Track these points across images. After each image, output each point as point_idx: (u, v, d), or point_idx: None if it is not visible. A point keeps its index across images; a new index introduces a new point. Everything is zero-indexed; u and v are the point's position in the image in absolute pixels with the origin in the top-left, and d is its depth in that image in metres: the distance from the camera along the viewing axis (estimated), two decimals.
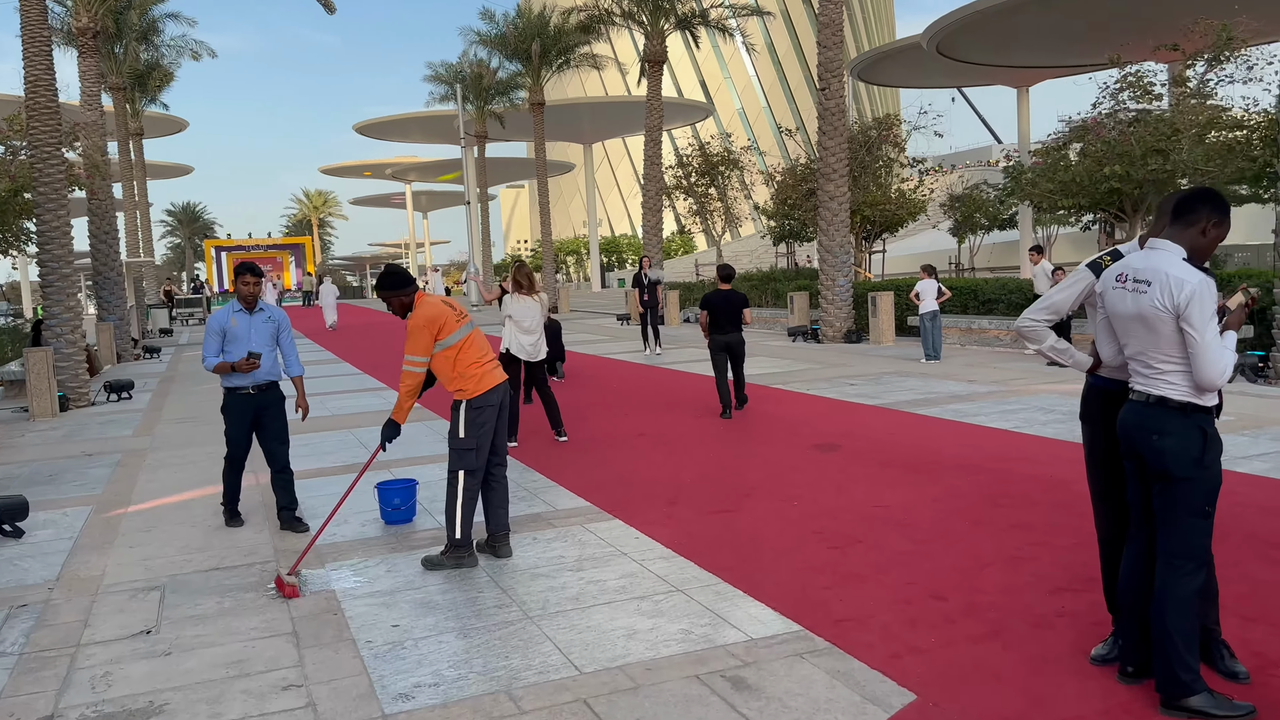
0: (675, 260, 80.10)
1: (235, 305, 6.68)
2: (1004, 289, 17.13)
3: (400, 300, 5.54)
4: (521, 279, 9.67)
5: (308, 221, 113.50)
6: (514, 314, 9.39)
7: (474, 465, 5.44)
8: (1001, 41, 25.09)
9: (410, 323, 5.42)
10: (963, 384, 12.26)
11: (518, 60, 36.33)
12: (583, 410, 11.34)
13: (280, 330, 6.83)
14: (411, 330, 5.41)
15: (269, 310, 6.81)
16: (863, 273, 24.09)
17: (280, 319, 6.86)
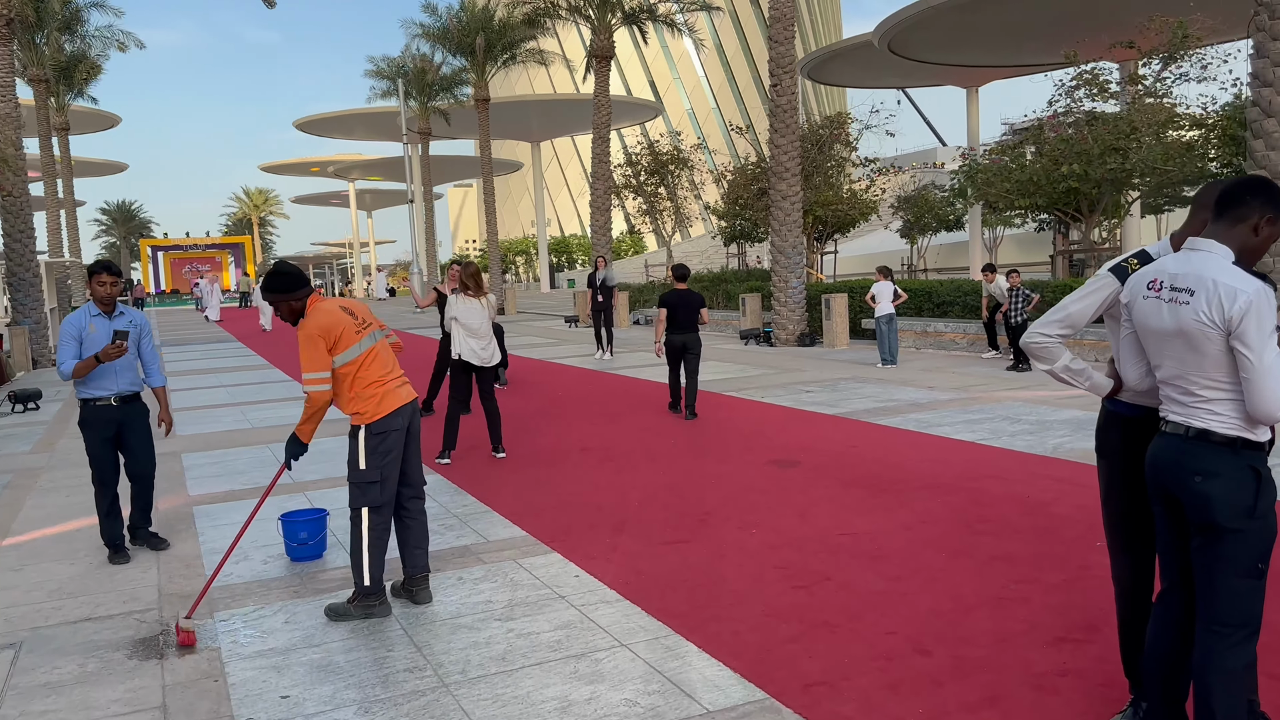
0: (626, 260, 79.49)
1: (93, 309, 5.88)
2: (959, 291, 16.73)
3: (290, 305, 4.75)
4: (467, 280, 8.93)
5: (248, 220, 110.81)
6: (460, 317, 8.66)
7: (379, 500, 4.70)
8: (954, 39, 24.81)
9: (300, 333, 4.65)
10: (922, 390, 11.76)
11: (462, 55, 35.34)
12: (525, 421, 10.61)
13: (142, 336, 6.06)
14: (302, 342, 4.63)
15: (130, 314, 6.04)
16: (815, 274, 23.64)
17: (142, 324, 6.10)
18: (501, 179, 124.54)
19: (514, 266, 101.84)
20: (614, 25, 25.70)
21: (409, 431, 4.80)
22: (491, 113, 53.68)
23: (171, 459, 9.34)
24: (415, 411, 4.88)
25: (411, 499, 4.90)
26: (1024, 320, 13.39)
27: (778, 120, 18.22)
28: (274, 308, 4.83)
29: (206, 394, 14.61)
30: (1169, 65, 15.45)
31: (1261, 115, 10.06)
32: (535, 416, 10.99)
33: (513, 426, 10.21)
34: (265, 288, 4.76)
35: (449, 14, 33.95)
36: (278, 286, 4.74)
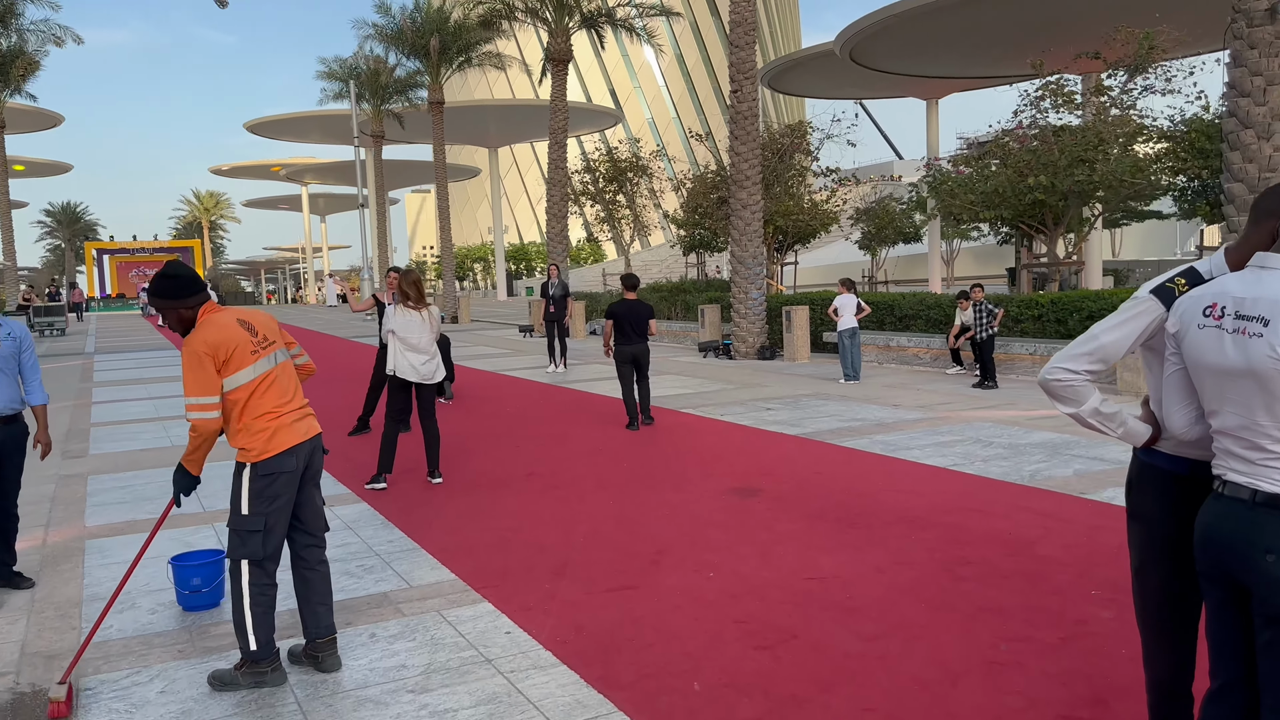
0: (585, 269, 78.84)
1: None
2: (922, 304, 16.31)
3: (179, 313, 4.01)
4: (408, 288, 8.22)
5: (198, 224, 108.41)
6: (398, 330, 7.95)
7: (261, 553, 3.98)
8: (916, 49, 24.52)
9: (185, 349, 3.94)
10: (887, 409, 11.24)
11: (416, 57, 34.46)
12: (468, 441, 9.91)
13: (22, 349, 5.34)
14: (186, 360, 3.92)
15: (8, 325, 5.30)
16: (775, 285, 23.17)
17: (22, 336, 5.37)
18: (459, 185, 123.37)
19: (472, 274, 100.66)
20: (571, 29, 25.09)
21: (307, 473, 4.10)
22: (448, 117, 52.78)
23: (75, 482, 8.52)
24: (316, 449, 4.17)
25: (309, 548, 4.19)
26: (989, 336, 12.96)
27: (738, 127, 17.70)
28: (161, 315, 4.11)
29: (130, 407, 13.70)
30: (1135, 76, 15.17)
31: (1239, 126, 9.69)
32: (480, 436, 10.28)
33: (454, 447, 9.50)
34: (152, 291, 4.04)
35: (403, 14, 33.08)
36: (165, 291, 4.01)
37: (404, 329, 7.95)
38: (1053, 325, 14.06)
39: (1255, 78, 9.48)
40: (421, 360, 7.98)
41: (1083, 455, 8.25)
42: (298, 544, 4.15)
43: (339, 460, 9.02)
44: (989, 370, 12.76)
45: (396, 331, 7.97)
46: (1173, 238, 60.93)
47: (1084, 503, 6.69)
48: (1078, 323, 13.74)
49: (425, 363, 8.00)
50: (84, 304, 43.37)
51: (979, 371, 13.68)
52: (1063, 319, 13.99)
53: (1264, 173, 9.57)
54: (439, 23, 32.81)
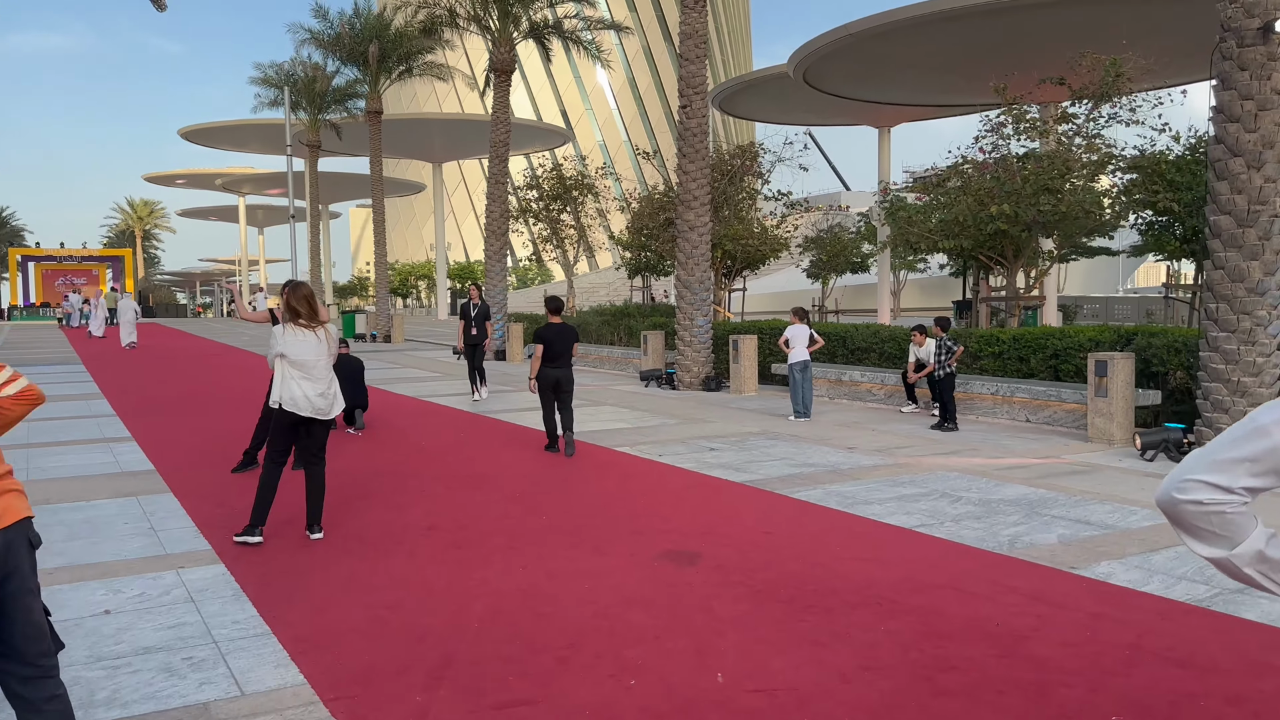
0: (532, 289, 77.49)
1: None
2: (875, 337, 15.43)
3: None
4: (297, 304, 6.94)
5: (131, 233, 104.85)
6: (288, 352, 6.68)
7: None
8: (871, 72, 23.87)
9: None
10: (842, 452, 10.23)
11: (355, 65, 33.09)
12: (369, 483, 8.65)
13: None
14: None
15: None
16: (723, 312, 22.22)
17: None
18: (405, 200, 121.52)
19: (416, 291, 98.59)
20: (516, 39, 24.03)
21: (9, 575, 2.86)
22: (390, 129, 51.30)
23: None
24: (13, 544, 2.90)
25: (29, 681, 2.94)
26: (949, 373, 12.07)
27: (687, 145, 16.73)
28: None
29: None
30: (1100, 105, 14.53)
31: (1227, 154, 8.91)
32: (384, 476, 9.03)
33: (352, 490, 8.25)
34: None
35: (341, 19, 31.69)
36: None
37: (296, 351, 6.71)
38: (1014, 363, 13.23)
39: (1245, 101, 8.71)
40: (316, 390, 6.74)
41: (1064, 517, 7.29)
42: (9, 679, 2.91)
43: (207, 504, 7.73)
44: (949, 411, 11.86)
45: (287, 355, 6.73)
46: (1115, 274, 61.63)
47: (1077, 580, 5.69)
48: (1040, 361, 12.93)
49: (321, 394, 6.76)
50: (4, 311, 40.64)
51: (937, 411, 12.79)
52: (1025, 357, 13.17)
53: (1254, 205, 8.79)
54: (379, 29, 31.49)
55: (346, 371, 12.12)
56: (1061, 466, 9.39)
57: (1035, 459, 9.80)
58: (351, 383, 12.10)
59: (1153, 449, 9.69)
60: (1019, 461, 9.65)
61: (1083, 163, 13.99)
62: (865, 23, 19.35)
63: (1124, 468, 9.32)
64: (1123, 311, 37.93)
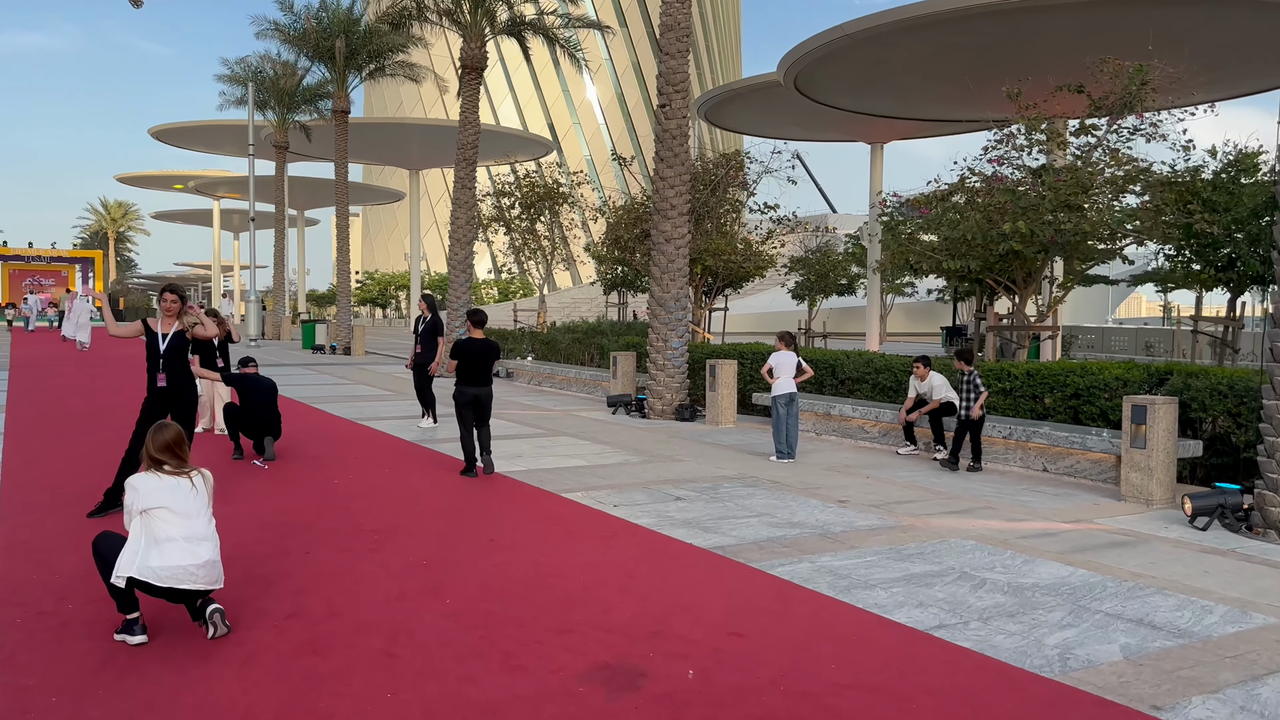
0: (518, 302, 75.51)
1: None
2: (869, 366, 13.81)
3: None
4: (159, 454, 4.97)
5: (104, 234, 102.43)
6: (158, 504, 4.93)
7: None
8: (866, 81, 22.31)
9: None
10: (832, 507, 8.57)
11: (322, 62, 31.35)
12: (238, 540, 6.92)
13: None
14: None
15: None
16: (701, 333, 20.58)
17: None
18: (387, 209, 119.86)
19: (395, 301, 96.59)
20: (489, 35, 22.44)
21: None
22: (368, 135, 49.61)
23: None
24: None
25: None
26: (970, 416, 10.54)
27: (665, 148, 15.12)
28: None
29: None
30: (1122, 116, 13.02)
31: None
32: (265, 529, 7.30)
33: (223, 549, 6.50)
34: None
35: (306, 13, 29.92)
36: None
37: (165, 501, 4.93)
38: (1026, 402, 11.63)
39: None
40: (196, 558, 4.91)
41: (1121, 615, 5.64)
42: None
43: (24, 564, 5.98)
44: (976, 451, 10.51)
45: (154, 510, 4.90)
46: (1105, 304, 60.50)
47: None
48: (1058, 401, 11.34)
49: (205, 562, 4.96)
50: None
51: (940, 454, 11.19)
52: (1039, 395, 11.57)
53: None
54: (347, 24, 29.79)
55: (257, 394, 10.43)
56: (1099, 535, 7.76)
57: (1065, 523, 8.16)
58: (263, 407, 10.41)
59: (1205, 515, 8.07)
60: (1046, 526, 8.01)
61: (1106, 178, 12.46)
62: (863, 23, 17.83)
63: (1174, 539, 7.69)
64: (1119, 343, 36.55)
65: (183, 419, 7.78)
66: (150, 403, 7.72)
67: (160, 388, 7.67)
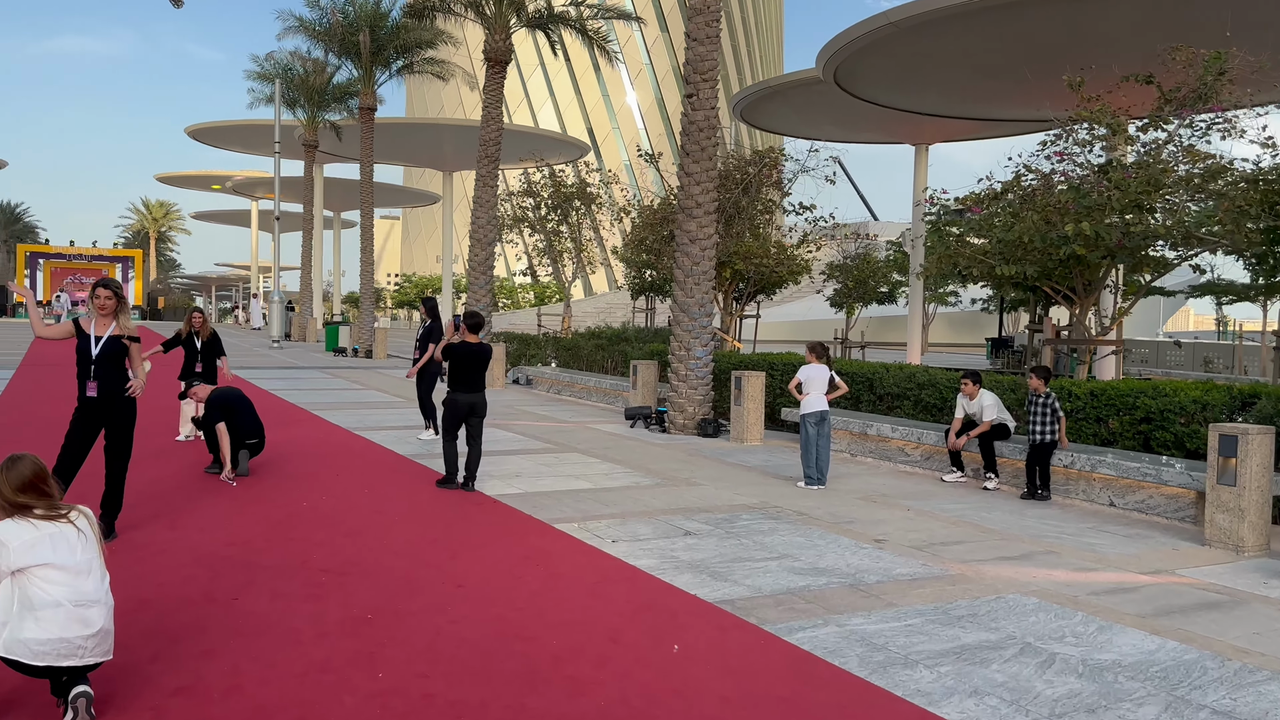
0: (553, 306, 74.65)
1: None
2: (911, 381, 12.55)
3: None
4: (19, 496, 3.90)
5: (146, 234, 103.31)
6: (35, 560, 3.95)
7: None
8: (911, 75, 20.92)
9: None
10: (866, 547, 7.38)
11: (349, 58, 30.61)
12: (165, 580, 5.91)
13: None
14: None
15: None
16: (731, 341, 19.39)
17: None
18: (426, 210, 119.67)
19: None
20: (514, 27, 21.49)
21: None
22: (400, 135, 49.01)
23: None
24: None
25: None
26: (1050, 439, 9.36)
27: (691, 141, 14.01)
28: None
29: None
30: (1196, 109, 11.66)
31: None
32: (198, 566, 6.28)
33: (135, 591, 5.48)
34: None
35: (332, 6, 29.15)
36: None
37: (47, 556, 3.91)
38: (1090, 425, 10.34)
39: None
40: (86, 627, 3.92)
41: (1235, 716, 4.40)
42: None
43: None
44: (1045, 479, 9.32)
45: (32, 567, 3.89)
46: (1155, 316, 58.25)
47: None
48: (1125, 425, 10.04)
49: (97, 632, 3.96)
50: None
51: (991, 480, 9.98)
52: (1104, 418, 10.28)
53: None
54: (374, 18, 29.02)
55: (237, 405, 9.46)
56: (1185, 591, 6.50)
57: (1143, 574, 6.90)
58: (242, 416, 9.43)
59: None
60: (1121, 578, 6.76)
61: (1181, 175, 11.12)
62: (909, 9, 16.50)
63: (1278, 599, 6.41)
64: (1175, 358, 34.78)
65: (117, 436, 6.78)
66: (79, 416, 6.74)
67: (89, 398, 6.68)
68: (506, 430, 13.60)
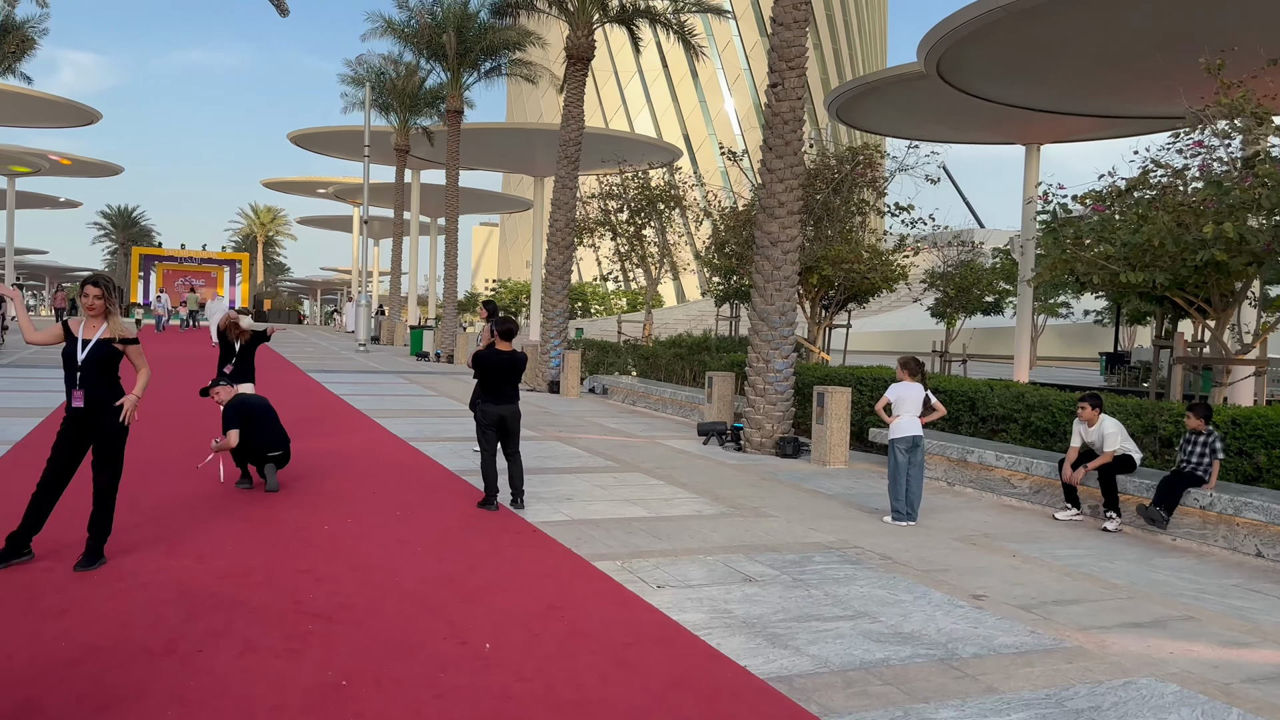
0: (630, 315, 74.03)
1: None
2: (1019, 402, 11.16)
3: None
4: None
5: (255, 238, 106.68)
6: None
7: None
8: (1022, 64, 19.08)
9: None
10: (963, 607, 6.18)
11: (437, 60, 30.33)
12: (133, 622, 5.14)
13: None
14: None
15: None
16: (818, 353, 18.12)
17: None
18: (524, 216, 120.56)
19: (525, 308, 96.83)
20: (597, 23, 20.68)
21: None
22: (491, 140, 48.82)
23: None
24: None
25: None
26: (1201, 474, 8.04)
27: (774, 135, 12.89)
28: None
29: None
30: None
31: None
32: (158, 623, 5.49)
33: (93, 634, 4.72)
34: None
35: (419, 8, 28.85)
36: None
37: None
38: (1231, 459, 8.84)
39: None
40: None
41: None
42: None
43: None
44: (1170, 507, 7.99)
45: None
46: None
47: None
48: (1276, 460, 8.52)
49: None
50: (65, 309, 39.61)
51: (1111, 521, 8.62)
52: (1247, 450, 8.77)
53: None
54: (460, 19, 28.62)
55: (258, 415, 8.78)
56: None
57: None
58: (262, 428, 8.75)
59: None
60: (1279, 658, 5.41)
61: None
62: None
63: None
64: None
65: (105, 452, 6.07)
66: (65, 429, 6.05)
67: (75, 409, 5.99)
68: (570, 445, 12.69)
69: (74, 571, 5.93)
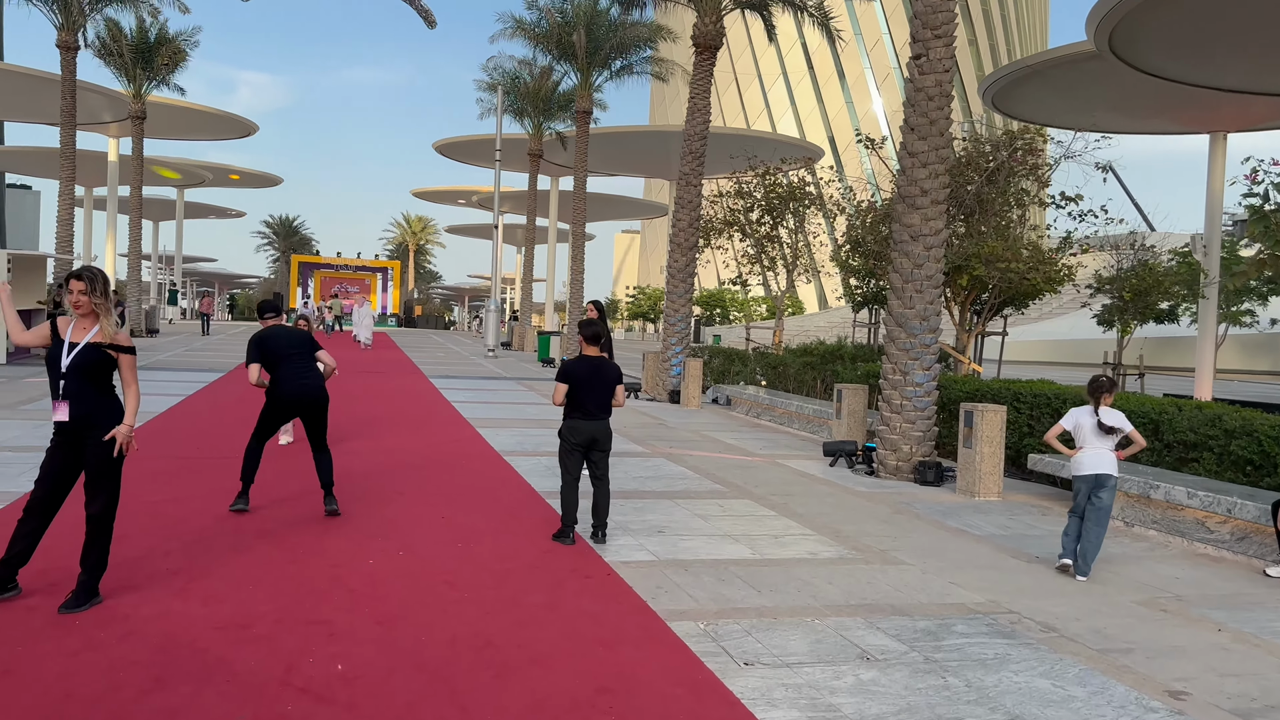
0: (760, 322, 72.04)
1: None
2: (1214, 426, 9.17)
3: None
4: None
5: (406, 246, 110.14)
6: None
7: None
8: (1210, 36, 16.45)
9: None
10: (1157, 708, 4.56)
11: (567, 60, 29.66)
12: (76, 692, 4.20)
13: None
14: None
15: None
16: (967, 363, 16.18)
17: None
18: (663, 222, 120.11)
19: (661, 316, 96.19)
20: (726, 8, 19.37)
21: None
22: (626, 144, 48.20)
23: None
24: None
25: None
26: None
27: (917, 113, 11.27)
28: None
29: None
30: None
31: None
32: (110, 693, 4.53)
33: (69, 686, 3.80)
34: None
35: (549, 6, 28.18)
36: None
37: None
38: None
39: None
40: None
41: None
42: None
43: None
44: None
45: None
46: None
47: None
48: None
49: None
50: (210, 315, 40.99)
51: None
52: None
53: None
54: (590, 16, 27.83)
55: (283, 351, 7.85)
56: None
57: None
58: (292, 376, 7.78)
59: None
60: None
61: None
62: None
63: None
64: None
65: (95, 474, 5.21)
66: (53, 445, 5.23)
67: (60, 422, 5.14)
68: (678, 463, 11.42)
69: (58, 613, 5.08)
